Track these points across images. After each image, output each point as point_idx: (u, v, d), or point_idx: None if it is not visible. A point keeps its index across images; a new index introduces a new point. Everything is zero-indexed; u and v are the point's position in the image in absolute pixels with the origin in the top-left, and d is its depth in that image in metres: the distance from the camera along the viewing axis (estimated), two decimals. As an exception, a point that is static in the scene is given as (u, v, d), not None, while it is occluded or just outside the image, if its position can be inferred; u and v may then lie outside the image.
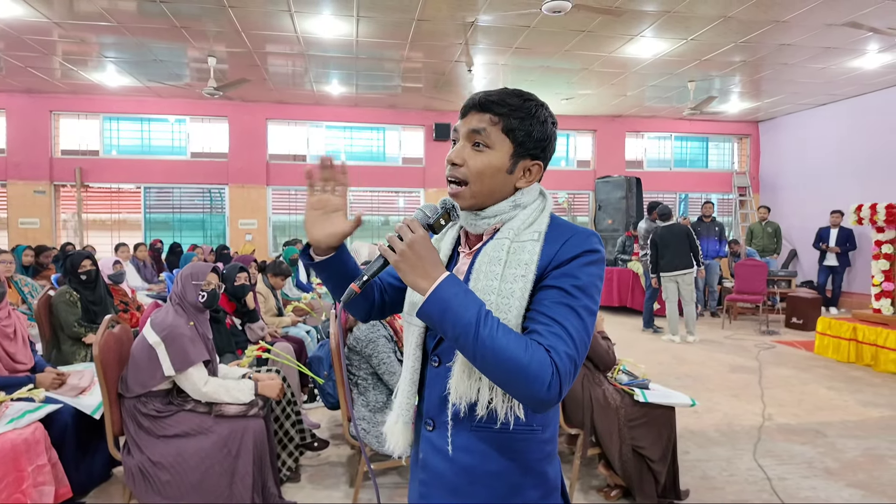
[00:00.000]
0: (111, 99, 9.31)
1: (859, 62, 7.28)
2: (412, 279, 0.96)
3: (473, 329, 0.90)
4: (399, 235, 0.97)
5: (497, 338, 0.90)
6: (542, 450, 1.06)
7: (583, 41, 6.51)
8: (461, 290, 0.94)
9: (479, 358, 0.91)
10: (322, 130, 10.33)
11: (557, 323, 0.93)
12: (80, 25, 6.05)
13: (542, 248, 1.00)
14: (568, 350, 0.91)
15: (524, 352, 0.89)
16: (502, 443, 1.02)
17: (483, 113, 1.03)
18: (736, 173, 11.58)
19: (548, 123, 1.06)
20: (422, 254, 0.96)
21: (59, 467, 2.48)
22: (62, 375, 2.92)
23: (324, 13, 5.71)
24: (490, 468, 1.02)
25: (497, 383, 0.93)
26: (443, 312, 0.92)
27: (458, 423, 1.03)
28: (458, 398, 1.00)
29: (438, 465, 1.06)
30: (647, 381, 2.94)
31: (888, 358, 5.29)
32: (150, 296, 5.95)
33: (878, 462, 3.31)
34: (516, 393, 0.91)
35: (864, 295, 7.90)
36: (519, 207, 1.07)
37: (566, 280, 0.97)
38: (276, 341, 3.99)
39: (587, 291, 0.97)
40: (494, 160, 1.03)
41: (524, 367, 0.88)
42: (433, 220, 1.04)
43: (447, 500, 1.05)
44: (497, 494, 1.03)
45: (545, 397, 0.89)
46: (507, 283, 0.98)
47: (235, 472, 2.45)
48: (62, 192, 9.54)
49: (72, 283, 3.75)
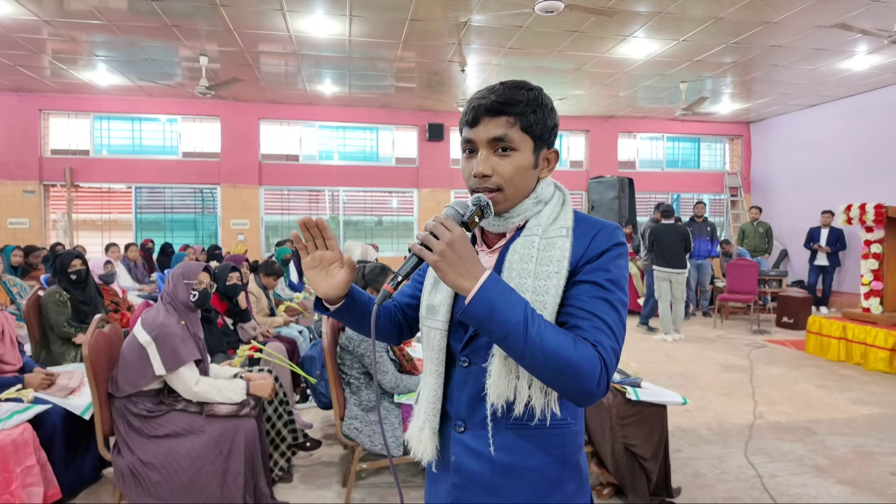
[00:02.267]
0: (102, 98, 9.24)
1: (849, 63, 7.35)
2: (453, 279, 0.92)
3: (523, 328, 0.89)
4: (433, 234, 0.93)
5: (546, 336, 0.89)
6: (576, 441, 1.07)
7: (575, 41, 6.53)
8: (505, 288, 0.93)
9: (528, 356, 0.90)
10: (315, 130, 10.30)
11: (597, 317, 0.95)
12: (70, 23, 6.00)
13: (571, 244, 1.01)
14: (612, 343, 0.93)
15: (574, 348, 0.90)
16: (541, 438, 1.03)
17: (497, 117, 1.01)
18: (727, 174, 11.65)
19: (553, 108, 1.07)
20: (462, 253, 0.92)
21: (48, 468, 2.46)
22: (51, 376, 2.89)
23: (316, 12, 5.70)
24: (530, 464, 1.03)
25: (545, 380, 0.93)
26: (490, 312, 0.90)
27: (496, 422, 1.03)
28: (496, 397, 1.00)
29: (474, 466, 1.05)
30: (639, 380, 2.95)
31: (877, 356, 5.34)
32: (140, 296, 5.92)
33: (867, 459, 3.34)
34: (565, 389, 0.91)
35: (854, 294, 7.98)
36: (542, 203, 1.07)
37: (599, 274, 0.98)
38: (268, 341, 3.98)
39: (619, 284, 0.99)
40: (523, 161, 1.03)
41: (575, 364, 0.89)
42: (468, 217, 0.98)
43: (489, 497, 1.05)
44: (537, 490, 1.03)
45: (595, 391, 0.90)
46: (541, 280, 0.98)
47: (227, 472, 2.44)
48: (52, 192, 9.45)
49: (62, 283, 3.72)
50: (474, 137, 1.03)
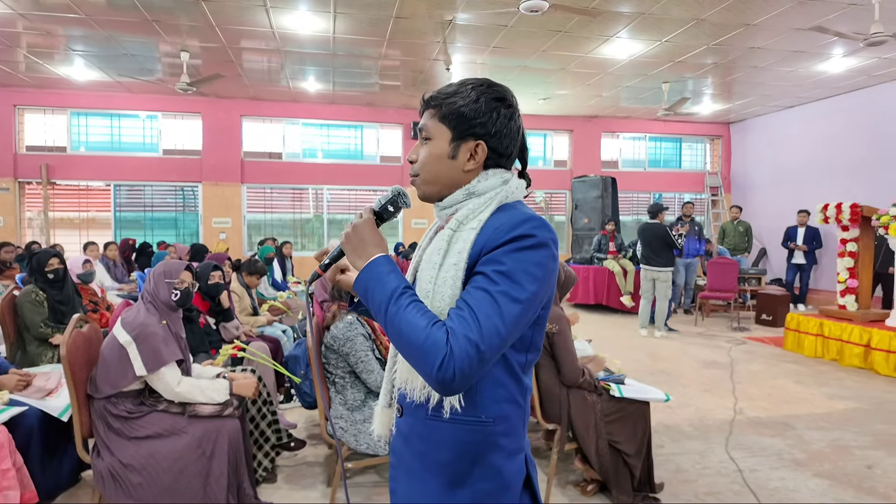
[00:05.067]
0: (79, 94, 9.05)
1: (826, 66, 7.50)
2: (353, 259, 1.04)
3: (385, 304, 0.96)
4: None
5: (403, 315, 0.94)
6: (495, 443, 1.04)
7: (560, 41, 6.57)
8: (388, 269, 1.00)
9: (389, 333, 0.96)
10: (298, 128, 10.21)
11: (468, 307, 0.93)
12: (47, 17, 5.87)
13: (476, 237, 1.00)
14: (469, 333, 0.90)
15: (423, 330, 0.91)
16: (451, 433, 1.04)
17: (427, 109, 1.11)
18: (708, 173, 11.83)
19: (483, 100, 1.06)
20: (363, 237, 1.04)
21: (25, 471, 2.40)
22: (27, 376, 2.82)
23: (300, 9, 5.65)
24: (439, 457, 1.05)
25: (406, 361, 0.99)
26: (365, 290, 1.00)
27: (416, 409, 1.07)
28: (402, 382, 1.08)
29: (400, 448, 1.12)
30: (622, 377, 2.98)
31: (852, 352, 5.47)
32: (120, 295, 5.81)
33: (842, 452, 3.42)
34: (418, 371, 0.95)
35: (831, 292, 8.16)
36: (473, 196, 1.08)
37: (490, 266, 0.96)
38: (252, 340, 3.93)
39: (512, 277, 0.94)
40: (434, 148, 1.09)
41: (418, 346, 0.91)
42: (379, 207, 1.09)
43: (407, 482, 1.10)
44: (443, 482, 1.05)
45: (437, 376, 0.89)
46: (443, 272, 1.01)
47: (210, 473, 2.41)
48: (27, 189, 9.24)
49: (38, 283, 3.63)
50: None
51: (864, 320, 5.59)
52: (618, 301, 8.36)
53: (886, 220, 5.29)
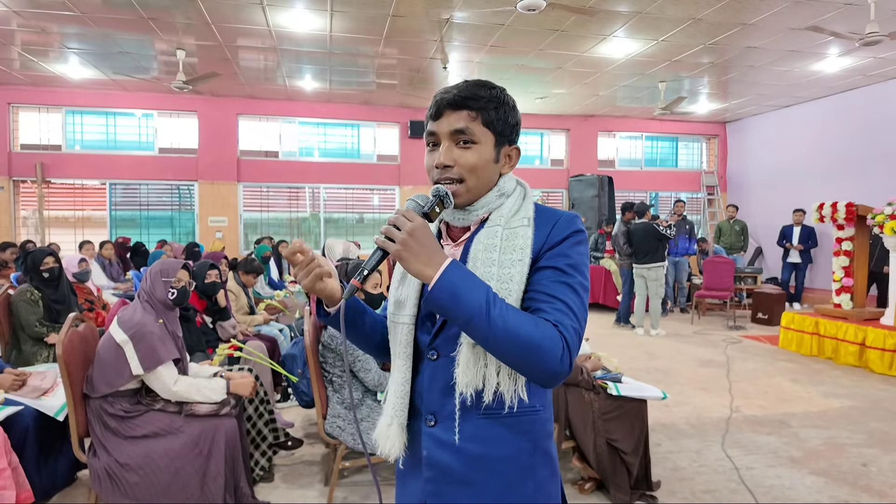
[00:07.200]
0: (74, 92, 9.00)
1: (821, 65, 7.52)
2: (416, 268, 0.94)
3: (485, 310, 0.91)
4: (396, 226, 0.95)
5: (508, 317, 0.92)
6: (546, 428, 1.09)
7: (556, 40, 6.57)
8: (466, 273, 0.95)
9: (491, 339, 0.92)
10: (295, 126, 10.18)
11: (559, 300, 0.97)
12: (41, 14, 5.83)
13: (533, 233, 1.04)
14: (573, 323, 0.96)
15: (535, 328, 0.92)
16: (511, 426, 1.04)
17: (459, 111, 1.05)
18: (704, 173, 11.85)
19: (515, 107, 1.11)
20: (423, 242, 0.94)
21: (20, 471, 2.39)
22: (23, 376, 2.81)
23: (297, 7, 5.63)
24: (502, 453, 1.03)
25: (509, 362, 0.95)
26: (452, 297, 0.92)
27: (466, 412, 1.03)
28: (465, 386, 1.01)
29: (446, 459, 1.05)
30: (620, 375, 2.99)
31: (847, 351, 5.49)
32: (116, 294, 5.79)
33: (838, 450, 3.44)
34: (529, 370, 0.94)
35: (826, 291, 8.20)
36: (504, 196, 1.10)
37: (560, 260, 1.01)
38: (248, 339, 3.93)
39: (580, 269, 1.02)
40: (484, 153, 1.06)
41: (537, 344, 0.91)
42: (428, 208, 1.02)
43: (459, 493, 1.04)
44: (510, 479, 1.04)
45: (559, 369, 0.92)
46: (505, 269, 1.01)
47: (207, 472, 2.40)
48: (22, 188, 9.18)
49: (33, 282, 3.61)
50: (437, 130, 1.07)
51: (860, 319, 5.62)
52: (615, 300, 8.37)
53: (881, 219, 5.32)
